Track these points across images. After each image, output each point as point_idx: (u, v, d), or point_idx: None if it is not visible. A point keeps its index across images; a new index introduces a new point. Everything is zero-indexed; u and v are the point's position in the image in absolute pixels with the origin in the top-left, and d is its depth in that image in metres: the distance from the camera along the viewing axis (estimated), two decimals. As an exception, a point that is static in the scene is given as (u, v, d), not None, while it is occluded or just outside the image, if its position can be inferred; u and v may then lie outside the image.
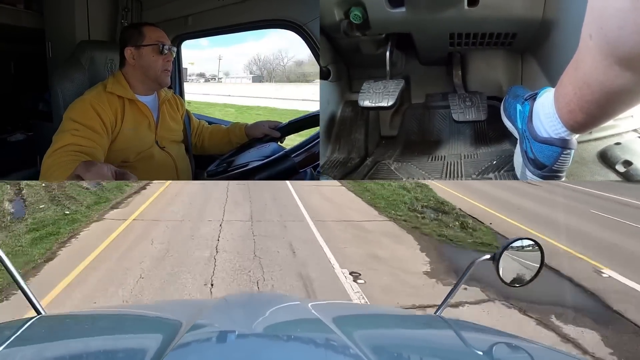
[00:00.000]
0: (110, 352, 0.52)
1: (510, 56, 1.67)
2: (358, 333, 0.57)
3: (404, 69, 1.85)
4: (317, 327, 0.60)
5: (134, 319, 0.72)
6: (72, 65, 1.71)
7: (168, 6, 2.09)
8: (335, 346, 0.52)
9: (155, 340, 0.51)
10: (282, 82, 3.63)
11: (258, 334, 0.56)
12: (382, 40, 1.65)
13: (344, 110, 1.90)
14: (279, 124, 1.80)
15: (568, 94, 0.98)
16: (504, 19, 1.41)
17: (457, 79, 1.74)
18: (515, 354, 0.63)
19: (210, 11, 1.98)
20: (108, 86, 1.52)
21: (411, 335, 0.70)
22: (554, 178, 1.20)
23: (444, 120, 1.81)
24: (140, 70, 1.55)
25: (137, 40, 1.53)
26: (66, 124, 1.41)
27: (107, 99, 1.50)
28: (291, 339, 0.56)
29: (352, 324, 0.70)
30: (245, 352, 0.48)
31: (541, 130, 1.15)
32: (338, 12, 1.52)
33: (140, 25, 1.59)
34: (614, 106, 0.90)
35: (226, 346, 0.51)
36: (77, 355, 0.51)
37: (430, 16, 1.43)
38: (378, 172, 1.67)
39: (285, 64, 3.20)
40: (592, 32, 0.80)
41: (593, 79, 0.86)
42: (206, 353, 0.49)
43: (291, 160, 1.47)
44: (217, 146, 1.94)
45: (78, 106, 1.45)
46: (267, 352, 0.49)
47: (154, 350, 0.47)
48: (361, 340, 0.54)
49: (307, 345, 0.55)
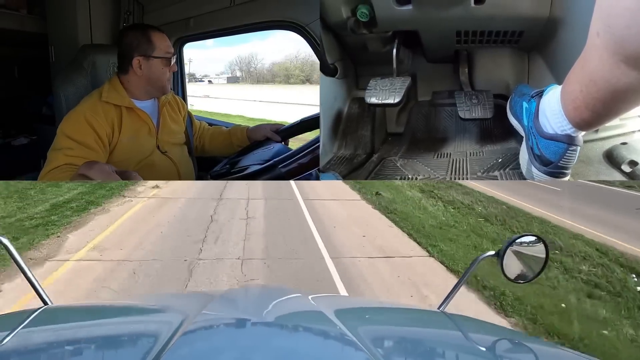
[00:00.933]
0: (116, 342, 0.53)
1: (517, 54, 1.67)
2: (361, 327, 0.58)
3: (410, 67, 1.86)
4: (320, 319, 0.60)
5: (139, 310, 0.72)
6: (74, 69, 1.71)
7: (169, 9, 2.09)
8: (338, 339, 0.52)
9: (160, 331, 0.51)
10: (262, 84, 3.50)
11: (262, 324, 0.56)
12: (389, 37, 1.66)
13: (350, 107, 1.91)
14: (280, 127, 1.81)
15: (574, 91, 0.99)
16: (511, 17, 1.41)
17: (463, 77, 1.74)
18: (518, 350, 0.63)
19: (212, 13, 1.98)
20: (103, 94, 1.46)
21: (414, 329, 0.70)
22: (559, 175, 1.20)
23: (450, 117, 1.82)
24: (146, 79, 1.50)
25: (146, 49, 1.47)
26: (60, 141, 1.37)
27: (103, 110, 1.44)
28: (295, 330, 0.57)
29: (356, 317, 0.70)
30: (250, 342, 0.48)
31: (547, 127, 1.16)
32: (345, 10, 1.53)
33: (147, 32, 1.50)
34: (619, 104, 0.90)
35: (231, 336, 0.52)
36: (83, 345, 0.52)
37: (437, 14, 1.43)
38: (384, 169, 1.68)
39: (257, 66, 3.01)
40: (599, 30, 0.81)
41: (599, 76, 0.86)
42: (211, 342, 0.49)
43: (296, 163, 1.47)
44: (218, 148, 1.93)
45: (72, 120, 1.40)
46: (272, 342, 0.50)
47: (159, 341, 0.47)
48: (364, 334, 0.54)
49: (311, 337, 0.55)
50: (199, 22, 2.05)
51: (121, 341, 0.53)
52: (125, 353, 0.48)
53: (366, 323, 0.66)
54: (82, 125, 1.38)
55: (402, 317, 0.80)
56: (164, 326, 0.53)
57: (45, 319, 0.62)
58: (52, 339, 0.55)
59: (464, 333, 0.68)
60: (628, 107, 0.92)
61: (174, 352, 0.42)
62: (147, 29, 1.53)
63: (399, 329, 0.69)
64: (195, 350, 0.44)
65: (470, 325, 0.75)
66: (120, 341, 0.53)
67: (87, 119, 1.39)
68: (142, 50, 1.47)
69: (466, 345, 0.63)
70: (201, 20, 2.04)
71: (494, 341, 0.65)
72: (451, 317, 0.75)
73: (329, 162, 1.73)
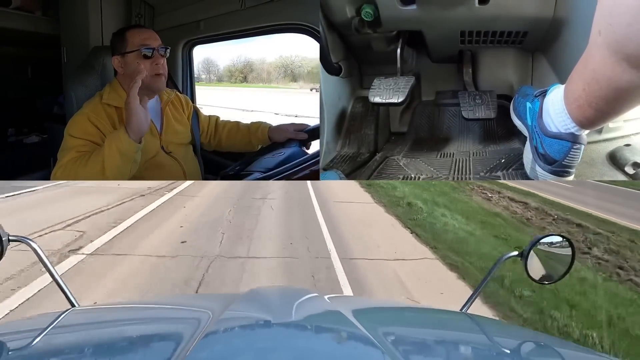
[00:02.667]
0: (140, 343, 0.54)
1: (521, 55, 1.67)
2: (382, 328, 0.57)
3: (414, 66, 1.87)
4: (340, 321, 0.60)
5: (164, 311, 0.73)
6: (85, 70, 1.75)
7: (180, 11, 2.11)
8: (359, 340, 0.52)
9: (184, 331, 0.52)
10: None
11: (284, 325, 0.57)
12: (393, 37, 1.67)
13: (354, 106, 1.92)
14: (305, 126, 1.72)
15: (577, 90, 0.99)
16: (515, 17, 1.41)
17: (467, 77, 1.74)
18: (545, 353, 0.61)
19: (222, 16, 1.99)
20: (104, 97, 1.47)
21: (436, 331, 0.69)
22: (563, 174, 1.20)
23: (453, 117, 1.82)
24: (130, 78, 1.44)
25: (121, 47, 1.46)
26: (68, 141, 1.39)
27: (105, 111, 1.45)
28: (315, 332, 0.57)
29: (376, 319, 0.69)
30: (271, 343, 0.49)
31: (551, 126, 1.16)
32: (350, 10, 1.54)
33: (124, 30, 1.50)
34: (622, 102, 0.91)
35: (253, 337, 0.52)
36: (108, 346, 0.53)
37: (441, 14, 1.44)
38: (387, 168, 1.69)
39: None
40: (601, 29, 0.82)
41: (601, 75, 0.87)
42: (232, 344, 0.50)
43: (307, 170, 1.47)
44: (236, 145, 1.85)
45: (77, 122, 1.42)
46: (293, 343, 0.50)
47: (182, 342, 0.48)
48: (385, 336, 0.53)
49: (331, 338, 0.55)
50: (209, 24, 2.06)
51: (145, 343, 0.54)
52: (148, 354, 0.50)
53: (387, 324, 0.65)
54: (88, 125, 1.41)
55: (423, 318, 0.78)
56: (186, 327, 0.54)
57: (72, 321, 0.64)
58: (79, 340, 0.57)
59: (487, 335, 0.66)
60: (630, 105, 0.92)
61: (196, 354, 0.43)
62: (126, 29, 1.53)
63: (420, 331, 0.67)
64: (216, 352, 0.45)
65: (494, 327, 0.73)
66: (144, 343, 0.54)
67: (91, 120, 1.41)
68: (118, 49, 1.48)
69: (490, 347, 0.61)
70: (211, 23, 2.05)
71: (519, 344, 0.63)
72: (474, 318, 0.73)
73: (332, 160, 1.75)
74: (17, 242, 0.74)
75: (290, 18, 1.75)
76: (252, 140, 1.79)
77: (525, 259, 0.82)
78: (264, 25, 1.88)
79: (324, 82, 1.68)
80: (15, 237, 0.74)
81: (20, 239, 0.74)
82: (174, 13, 2.14)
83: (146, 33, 1.50)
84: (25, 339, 0.54)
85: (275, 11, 1.78)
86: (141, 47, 1.46)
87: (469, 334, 0.67)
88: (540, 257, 0.83)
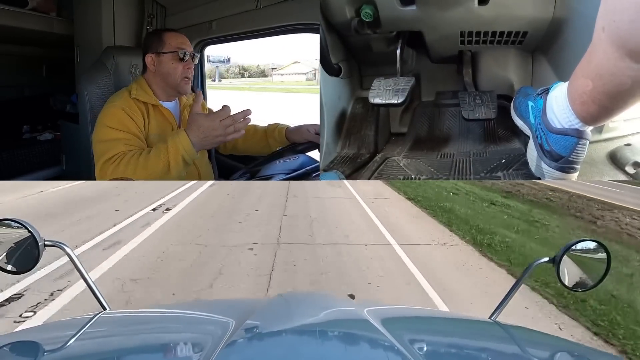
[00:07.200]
0: (167, 349, 0.55)
1: (521, 55, 1.66)
2: (409, 336, 0.56)
3: (414, 67, 1.87)
4: (367, 328, 0.58)
5: (190, 317, 0.74)
6: (98, 70, 1.79)
7: (192, 12, 2.15)
8: (385, 349, 0.51)
9: (209, 338, 0.53)
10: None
11: (308, 333, 0.56)
12: (393, 38, 1.68)
13: (354, 106, 1.92)
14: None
15: (581, 86, 0.99)
16: (515, 17, 1.41)
17: (467, 77, 1.74)
18: None
19: (234, 16, 2.01)
20: (132, 92, 1.53)
21: (465, 340, 0.67)
22: (569, 170, 1.18)
23: (453, 118, 1.81)
24: (160, 77, 1.55)
25: (157, 47, 1.53)
26: (108, 133, 1.42)
27: (135, 105, 1.51)
28: (341, 340, 0.56)
29: (404, 326, 0.68)
30: (295, 351, 0.48)
31: (555, 122, 1.15)
32: (349, 10, 1.55)
33: (162, 32, 1.58)
34: (625, 98, 0.90)
35: (276, 345, 0.52)
36: (136, 351, 0.55)
37: (440, 14, 1.44)
38: (387, 168, 1.69)
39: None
40: (604, 25, 0.82)
41: (605, 70, 0.86)
42: (255, 351, 0.50)
43: (314, 178, 1.48)
44: (253, 148, 1.85)
45: (111, 113, 1.46)
46: (318, 351, 0.49)
47: (207, 347, 0.49)
48: (413, 344, 0.53)
49: (357, 346, 0.55)
50: (221, 24, 2.09)
51: (170, 349, 0.55)
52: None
53: (414, 332, 0.64)
54: (124, 117, 1.45)
55: (451, 326, 0.76)
56: (212, 334, 0.54)
57: (103, 324, 0.65)
58: (109, 344, 0.59)
59: (519, 344, 0.63)
60: (634, 101, 0.92)
61: None
62: (163, 31, 1.60)
63: (448, 340, 0.65)
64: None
65: (525, 335, 0.70)
66: (170, 349, 0.55)
67: (127, 112, 1.46)
68: (153, 48, 1.54)
69: (522, 357, 0.59)
70: (223, 23, 2.08)
71: (552, 354, 0.61)
72: (504, 326, 0.70)
73: (332, 161, 1.75)
74: (52, 246, 0.76)
75: (304, 18, 1.74)
76: (270, 142, 1.79)
77: (558, 265, 0.78)
78: (277, 26, 1.88)
79: (323, 83, 1.68)
80: (51, 242, 0.75)
81: (55, 243, 0.76)
82: (186, 13, 2.18)
83: (182, 38, 1.57)
84: (58, 342, 0.56)
85: (289, 12, 1.79)
86: (178, 49, 1.53)
87: (500, 343, 0.65)
88: (574, 263, 0.79)
